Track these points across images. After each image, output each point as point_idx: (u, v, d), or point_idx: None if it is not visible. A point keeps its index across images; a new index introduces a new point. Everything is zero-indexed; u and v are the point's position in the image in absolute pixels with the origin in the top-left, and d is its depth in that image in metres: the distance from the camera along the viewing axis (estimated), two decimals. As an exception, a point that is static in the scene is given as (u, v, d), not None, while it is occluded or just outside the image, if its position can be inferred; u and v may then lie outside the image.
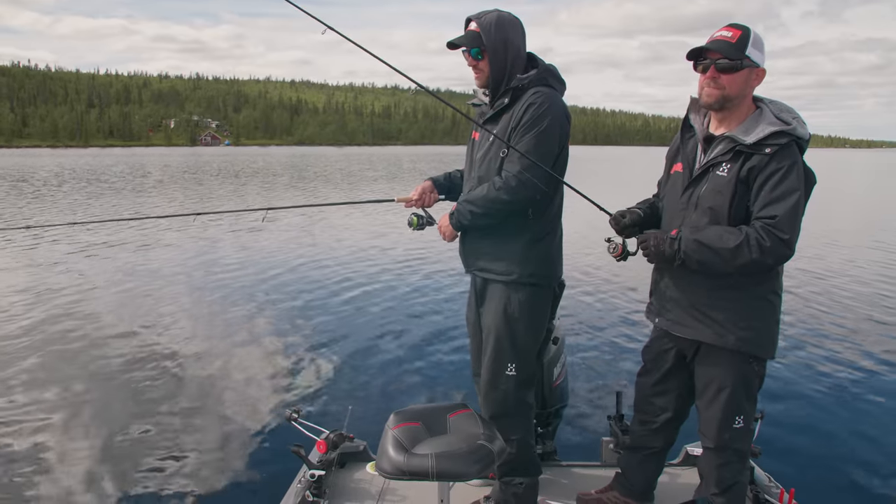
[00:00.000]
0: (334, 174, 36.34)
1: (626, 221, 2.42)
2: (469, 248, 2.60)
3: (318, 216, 15.27)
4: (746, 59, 2.13)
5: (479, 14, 2.43)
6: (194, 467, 3.74)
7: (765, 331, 2.25)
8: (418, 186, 2.74)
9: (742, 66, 2.14)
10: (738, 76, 2.15)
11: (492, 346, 2.53)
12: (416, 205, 2.72)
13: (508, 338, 2.50)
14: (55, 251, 10.62)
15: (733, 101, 2.19)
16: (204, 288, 8.15)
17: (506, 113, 2.44)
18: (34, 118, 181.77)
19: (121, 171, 36.87)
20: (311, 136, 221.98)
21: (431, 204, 2.74)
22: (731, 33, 2.14)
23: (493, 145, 2.47)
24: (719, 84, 2.16)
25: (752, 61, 2.14)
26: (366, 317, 6.87)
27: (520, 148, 2.35)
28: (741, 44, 2.12)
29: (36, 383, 4.95)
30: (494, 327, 2.52)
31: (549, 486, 2.90)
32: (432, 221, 2.71)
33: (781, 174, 2.08)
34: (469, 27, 2.45)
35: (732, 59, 2.12)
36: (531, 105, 2.36)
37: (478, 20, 2.41)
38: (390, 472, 2.09)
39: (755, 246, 2.06)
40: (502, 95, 2.45)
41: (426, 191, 2.73)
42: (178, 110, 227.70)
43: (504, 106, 2.44)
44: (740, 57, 2.13)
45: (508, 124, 2.41)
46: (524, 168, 2.34)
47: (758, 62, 2.15)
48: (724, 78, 2.15)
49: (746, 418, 2.31)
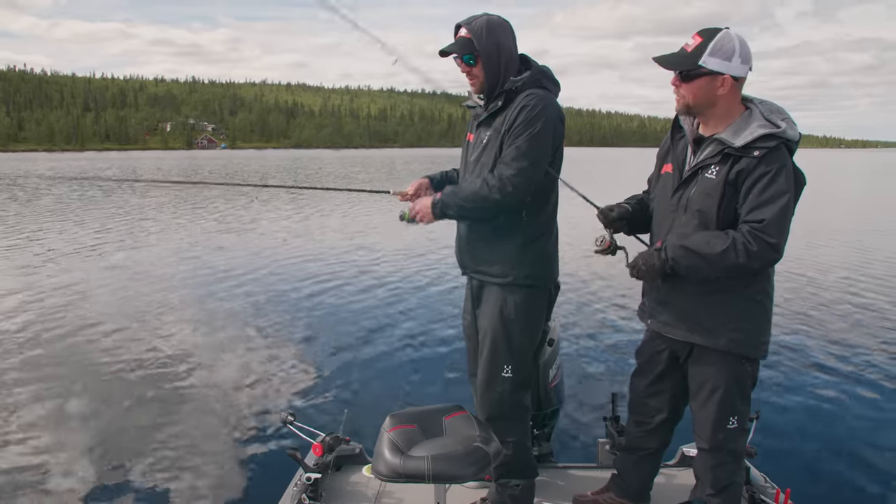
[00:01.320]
0: (327, 178, 36.30)
1: (614, 215, 2.43)
2: (465, 251, 2.61)
3: (312, 217, 15.25)
4: (701, 69, 2.12)
5: (468, 20, 2.41)
6: (189, 472, 3.73)
7: (756, 332, 2.26)
8: (414, 182, 2.76)
9: (696, 75, 2.14)
10: (694, 85, 2.16)
11: (488, 347, 2.54)
12: (412, 199, 2.72)
13: (504, 339, 2.50)
14: (43, 251, 10.59)
15: (699, 108, 2.20)
16: (196, 289, 8.13)
17: (500, 115, 2.44)
18: (30, 122, 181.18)
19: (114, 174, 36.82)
20: (308, 138, 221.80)
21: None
22: (693, 41, 2.15)
23: (486, 147, 2.47)
24: (679, 92, 2.20)
25: (707, 69, 2.12)
26: (361, 319, 6.86)
27: (513, 149, 2.35)
28: (697, 52, 2.12)
29: (29, 388, 4.93)
30: (490, 329, 2.52)
31: (546, 487, 2.90)
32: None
33: (770, 178, 2.08)
34: (459, 34, 2.43)
35: (683, 68, 2.15)
36: (524, 107, 2.35)
37: (468, 26, 2.40)
38: (386, 474, 2.08)
39: (742, 250, 2.07)
40: (496, 98, 2.45)
41: (422, 187, 2.74)
42: (174, 114, 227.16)
43: (498, 108, 2.44)
44: (691, 67, 2.13)
45: (502, 126, 2.41)
46: (517, 170, 2.33)
47: (717, 70, 2.11)
48: (683, 86, 2.18)
49: (741, 419, 2.32)
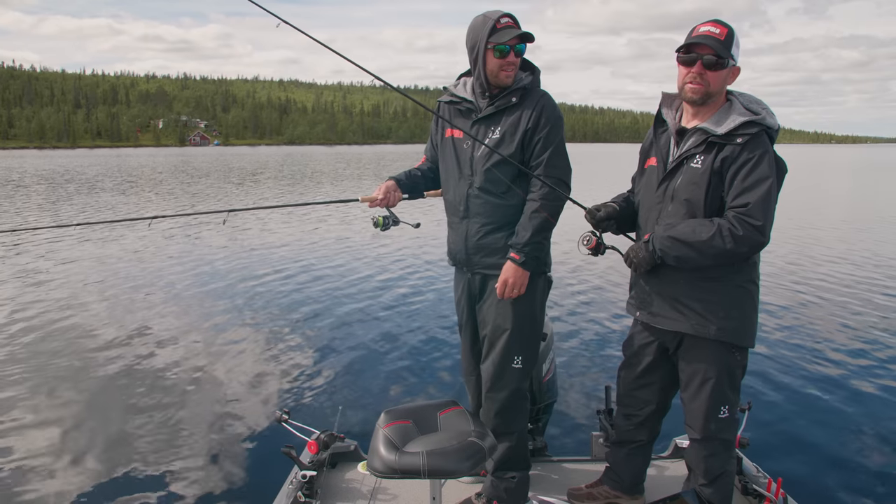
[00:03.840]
0: (320, 176, 36.18)
1: (602, 215, 2.45)
2: (472, 248, 2.56)
3: (304, 218, 15.21)
4: (730, 59, 2.18)
5: (512, 14, 2.42)
6: (184, 470, 3.72)
7: (744, 320, 2.29)
8: (381, 185, 2.69)
9: (727, 65, 2.19)
10: (721, 73, 2.20)
11: (502, 340, 2.52)
12: (381, 204, 2.66)
13: (517, 330, 2.51)
14: (25, 257, 10.54)
15: (713, 96, 2.24)
16: (189, 291, 8.10)
17: (514, 111, 2.44)
18: (20, 119, 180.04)
19: (102, 172, 36.57)
20: (301, 135, 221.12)
21: (395, 203, 2.69)
22: (718, 30, 2.18)
23: (503, 143, 2.44)
24: (704, 80, 2.19)
25: (734, 60, 2.20)
26: (354, 317, 6.86)
27: (555, 159, 2.43)
28: (728, 42, 2.17)
29: (24, 389, 4.92)
30: (501, 321, 2.52)
31: (540, 481, 2.92)
32: (397, 221, 2.70)
33: (753, 163, 2.13)
34: (512, 24, 2.41)
35: (721, 56, 2.16)
36: (546, 106, 2.44)
37: (516, 19, 2.42)
38: (382, 470, 2.09)
39: (728, 236, 2.10)
40: (510, 94, 2.45)
41: (390, 190, 2.68)
42: (166, 110, 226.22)
43: (510, 104, 2.44)
44: (727, 55, 2.17)
45: (519, 123, 2.42)
46: (565, 169, 2.46)
47: (737, 61, 2.22)
48: (709, 74, 2.18)
49: (731, 408, 2.35)
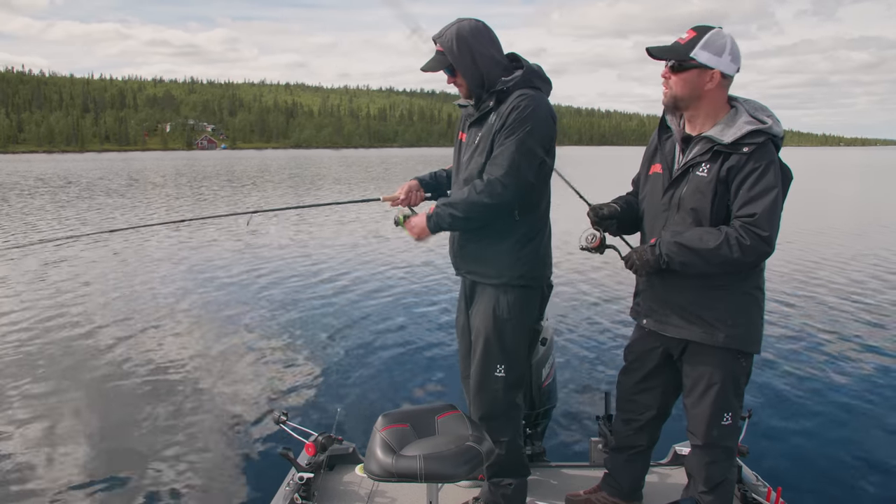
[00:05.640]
0: (326, 181, 36.29)
1: (605, 213, 2.44)
2: (458, 251, 2.61)
3: (305, 219, 15.25)
4: (692, 60, 2.15)
5: (439, 33, 2.42)
6: (182, 472, 3.73)
7: (751, 326, 2.28)
8: (404, 185, 2.74)
9: (687, 67, 2.17)
10: (684, 77, 2.18)
11: (481, 347, 2.54)
12: (402, 203, 2.71)
13: (497, 339, 2.50)
14: (36, 261, 10.60)
15: (685, 101, 2.22)
16: (190, 292, 8.13)
17: (492, 114, 2.45)
18: (30, 123, 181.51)
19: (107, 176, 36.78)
20: (308, 138, 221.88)
21: (418, 202, 2.74)
22: (686, 35, 2.19)
23: (478, 147, 2.47)
24: (669, 83, 2.22)
25: (698, 62, 2.15)
26: (353, 319, 6.86)
27: (503, 150, 2.35)
28: (689, 45, 2.16)
29: (24, 389, 4.94)
30: (483, 329, 2.53)
31: (538, 486, 2.90)
32: None
33: (759, 173, 2.11)
34: (437, 48, 2.44)
35: (679, 58, 2.17)
36: (515, 108, 2.36)
37: (439, 40, 2.41)
38: (379, 474, 2.08)
39: (735, 245, 2.09)
40: (487, 98, 2.46)
41: (412, 189, 2.73)
42: (173, 114, 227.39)
43: (489, 108, 2.45)
44: (683, 57, 2.16)
45: (493, 126, 2.42)
46: (506, 171, 2.34)
47: (707, 63, 2.15)
48: (673, 77, 2.21)
49: (734, 415, 2.33)
